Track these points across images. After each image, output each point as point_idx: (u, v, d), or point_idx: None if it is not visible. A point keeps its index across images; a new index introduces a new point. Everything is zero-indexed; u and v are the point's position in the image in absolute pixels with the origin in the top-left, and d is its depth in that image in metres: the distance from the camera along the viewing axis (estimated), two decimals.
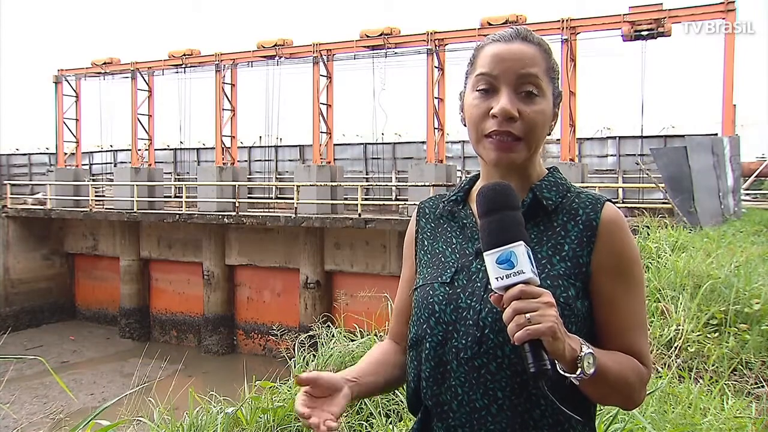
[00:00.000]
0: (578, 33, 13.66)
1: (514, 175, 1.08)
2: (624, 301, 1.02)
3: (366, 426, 2.54)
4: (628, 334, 1.02)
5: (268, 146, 20.22)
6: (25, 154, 26.02)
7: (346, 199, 16.37)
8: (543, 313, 0.86)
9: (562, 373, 0.90)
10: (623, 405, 1.08)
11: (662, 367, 2.98)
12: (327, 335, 3.27)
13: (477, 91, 1.06)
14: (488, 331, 1.00)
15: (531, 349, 0.86)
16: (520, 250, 0.89)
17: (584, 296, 1.02)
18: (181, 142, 21.57)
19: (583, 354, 0.90)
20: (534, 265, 0.90)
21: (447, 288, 1.07)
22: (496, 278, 0.89)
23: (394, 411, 2.66)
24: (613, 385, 0.96)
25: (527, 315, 0.86)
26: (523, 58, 1.04)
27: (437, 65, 14.92)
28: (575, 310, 1.00)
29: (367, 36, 15.58)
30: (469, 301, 1.04)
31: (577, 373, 0.90)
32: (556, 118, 1.10)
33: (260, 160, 21.42)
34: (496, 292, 0.90)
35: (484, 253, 0.92)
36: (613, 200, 1.16)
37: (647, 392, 1.05)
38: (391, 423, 2.55)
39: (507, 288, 0.88)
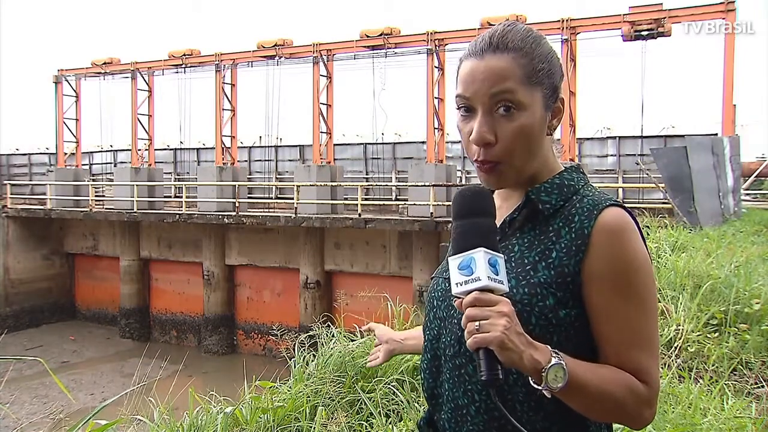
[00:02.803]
0: (578, 33, 13.67)
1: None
2: (621, 314, 0.94)
3: (366, 426, 2.54)
4: (626, 350, 0.94)
5: (268, 146, 20.24)
6: (25, 154, 26.02)
7: (346, 199, 16.37)
8: (493, 323, 0.85)
9: (533, 384, 0.88)
10: (618, 422, 0.99)
11: (662, 367, 2.98)
12: (327, 335, 3.27)
13: (460, 114, 1.04)
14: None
15: (485, 356, 0.85)
16: (479, 256, 0.88)
17: (573, 306, 0.96)
18: (181, 142, 21.59)
19: (548, 366, 0.86)
20: (499, 272, 0.88)
21: (447, 284, 1.06)
22: (456, 284, 0.89)
23: (394, 411, 2.66)
24: (595, 399, 0.90)
25: (477, 323, 0.85)
26: (491, 76, 0.98)
27: (437, 65, 14.92)
28: (554, 320, 0.95)
29: (367, 36, 15.58)
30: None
31: (542, 385, 0.87)
32: (559, 113, 1.04)
33: (260, 160, 21.43)
34: (459, 297, 0.90)
35: (449, 258, 0.92)
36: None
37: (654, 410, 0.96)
38: (391, 423, 2.55)
39: (466, 294, 0.88)
